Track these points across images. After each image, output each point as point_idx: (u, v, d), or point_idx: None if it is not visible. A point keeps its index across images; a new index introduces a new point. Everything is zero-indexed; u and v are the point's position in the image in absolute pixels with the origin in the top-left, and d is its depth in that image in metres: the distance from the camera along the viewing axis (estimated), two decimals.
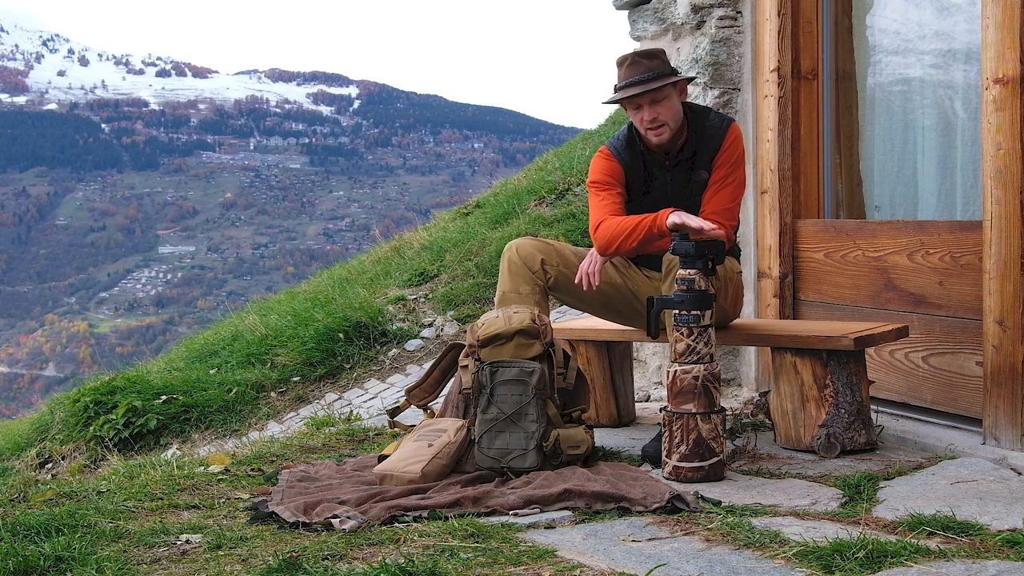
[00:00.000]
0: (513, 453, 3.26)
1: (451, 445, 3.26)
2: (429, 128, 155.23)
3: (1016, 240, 3.32)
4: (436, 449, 3.24)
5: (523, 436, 3.27)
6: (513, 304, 3.55)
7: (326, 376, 6.73)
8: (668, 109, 3.56)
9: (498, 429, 3.29)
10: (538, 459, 3.26)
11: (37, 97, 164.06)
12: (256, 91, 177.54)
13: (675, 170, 3.66)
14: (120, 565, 2.46)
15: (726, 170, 3.62)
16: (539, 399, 3.31)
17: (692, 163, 3.64)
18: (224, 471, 3.56)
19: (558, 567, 2.36)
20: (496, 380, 3.33)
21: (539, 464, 3.25)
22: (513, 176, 11.82)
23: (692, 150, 3.63)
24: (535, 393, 3.31)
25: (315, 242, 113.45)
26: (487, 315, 3.51)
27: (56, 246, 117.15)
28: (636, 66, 3.57)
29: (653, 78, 3.54)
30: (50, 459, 6.56)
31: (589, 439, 3.33)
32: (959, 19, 3.93)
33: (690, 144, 3.63)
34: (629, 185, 3.71)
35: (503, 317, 3.43)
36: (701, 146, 3.63)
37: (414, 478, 3.14)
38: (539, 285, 3.64)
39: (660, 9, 4.72)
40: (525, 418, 3.29)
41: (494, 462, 3.26)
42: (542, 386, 3.32)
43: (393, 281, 8.19)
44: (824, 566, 2.30)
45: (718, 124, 3.65)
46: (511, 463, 3.25)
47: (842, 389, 3.52)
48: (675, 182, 3.67)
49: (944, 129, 4.04)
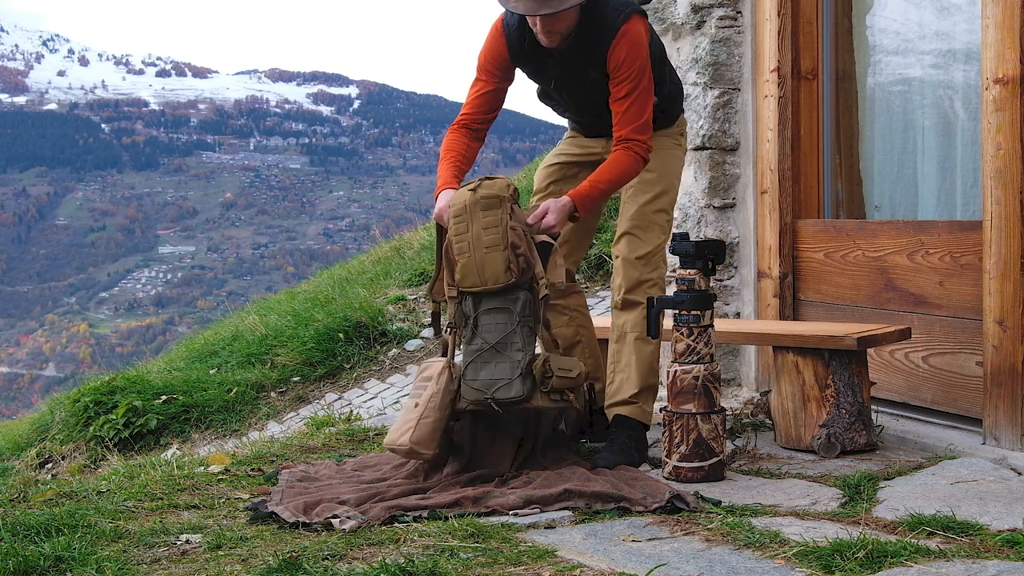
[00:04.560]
0: (499, 383, 3.13)
1: (435, 396, 3.15)
2: (429, 128, 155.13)
3: (1016, 240, 3.32)
4: (421, 408, 3.13)
5: (509, 365, 3.14)
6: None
7: (326, 376, 6.73)
8: (566, 21, 3.28)
9: (483, 360, 3.17)
10: (524, 387, 3.12)
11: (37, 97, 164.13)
12: (256, 91, 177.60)
13: (564, 62, 3.41)
14: (120, 565, 2.46)
15: (628, 85, 3.33)
16: (525, 326, 3.20)
17: (581, 57, 3.38)
18: (224, 471, 3.56)
19: (558, 567, 2.37)
20: (480, 309, 3.22)
21: (525, 392, 3.12)
22: (513, 176, 11.82)
23: (580, 43, 3.34)
24: (519, 320, 3.20)
25: (315, 242, 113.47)
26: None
27: (56, 246, 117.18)
28: None
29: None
30: (50, 459, 6.56)
31: (583, 366, 3.20)
32: (959, 19, 3.93)
33: (578, 38, 3.34)
34: (520, 66, 3.47)
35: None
36: (589, 41, 3.33)
37: (408, 450, 3.09)
38: None
39: (660, 9, 4.72)
40: (511, 347, 3.17)
41: (479, 394, 3.13)
42: (527, 312, 3.21)
43: (393, 281, 8.19)
44: (824, 566, 2.30)
45: (611, 20, 3.32)
46: (496, 394, 3.12)
47: (843, 389, 3.52)
48: (567, 73, 3.44)
49: (944, 129, 4.04)
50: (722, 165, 4.55)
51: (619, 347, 3.56)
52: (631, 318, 3.52)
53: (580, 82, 3.47)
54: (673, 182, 3.65)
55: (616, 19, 3.32)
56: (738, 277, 4.60)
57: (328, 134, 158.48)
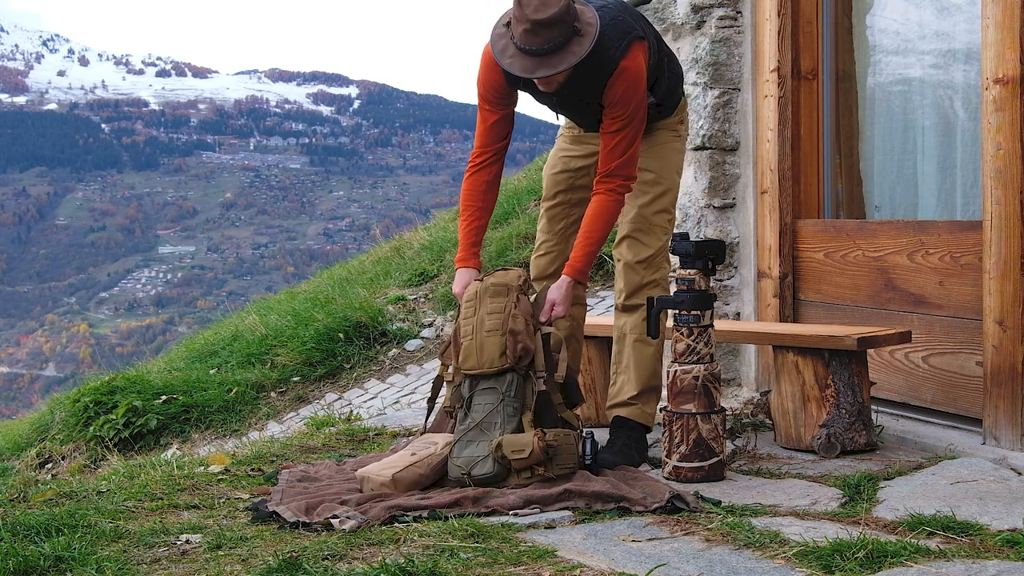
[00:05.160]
0: (476, 460, 3.14)
1: (434, 457, 3.19)
2: (429, 128, 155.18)
3: (1016, 240, 3.32)
4: (416, 459, 3.18)
5: (486, 444, 3.15)
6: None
7: (326, 376, 6.74)
8: (565, 73, 3.23)
9: (468, 439, 3.20)
10: (494, 465, 3.11)
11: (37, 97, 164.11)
12: (256, 91, 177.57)
13: (561, 93, 3.37)
14: (120, 565, 2.46)
15: (620, 122, 3.30)
16: (508, 406, 3.22)
17: (579, 90, 3.35)
18: (224, 471, 3.56)
19: (558, 567, 2.37)
20: (475, 390, 3.27)
21: (494, 470, 3.11)
22: (513, 176, 11.80)
23: (578, 78, 3.30)
24: (503, 399, 3.23)
25: (315, 242, 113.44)
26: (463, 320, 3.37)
27: (56, 246, 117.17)
28: (534, 36, 3.12)
29: (549, 52, 3.12)
30: (50, 459, 6.56)
31: (535, 443, 3.09)
32: (959, 19, 3.93)
33: (571, 80, 3.30)
34: (519, 89, 3.44)
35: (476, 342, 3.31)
36: (588, 76, 3.29)
37: (385, 482, 3.08)
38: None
39: (660, 9, 4.72)
40: (493, 427, 3.19)
41: (459, 471, 3.15)
42: (512, 394, 3.23)
43: (393, 281, 8.19)
44: (824, 566, 2.30)
45: (610, 55, 3.26)
46: (472, 471, 3.13)
47: (843, 389, 3.52)
48: (566, 101, 3.44)
49: (944, 129, 4.04)
50: (722, 165, 4.55)
51: (620, 348, 3.57)
52: (631, 320, 3.53)
53: (579, 107, 3.50)
54: (673, 178, 3.63)
55: (615, 55, 3.26)
56: (738, 277, 4.60)
57: (328, 134, 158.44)
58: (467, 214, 3.55)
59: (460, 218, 3.58)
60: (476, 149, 3.55)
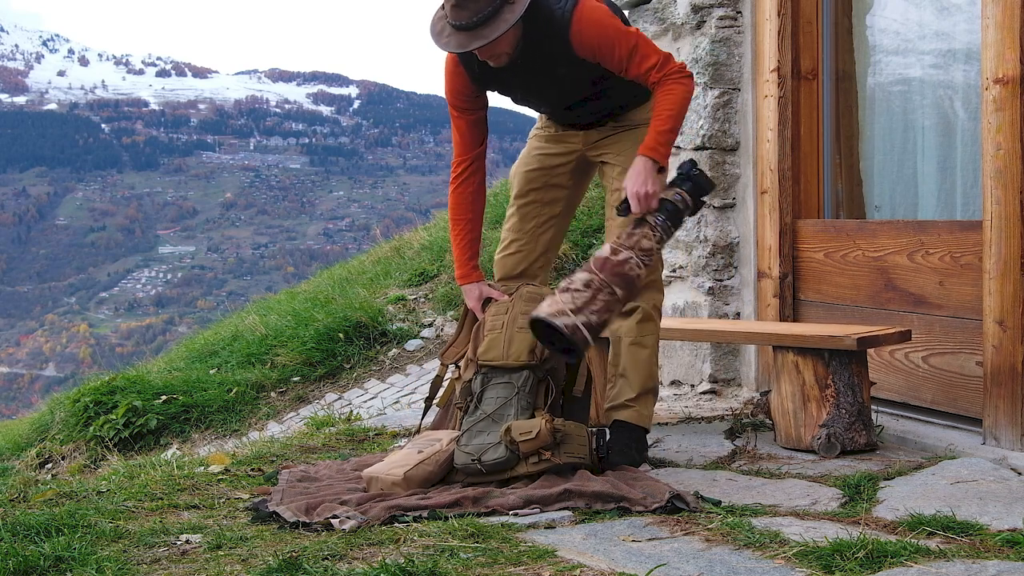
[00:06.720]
0: (487, 446, 3.14)
1: (441, 453, 3.20)
2: (429, 128, 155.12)
3: (1016, 240, 3.32)
4: (424, 456, 3.18)
5: (499, 431, 3.16)
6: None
7: (326, 376, 6.74)
8: (505, 43, 3.18)
9: (479, 429, 3.20)
10: (507, 451, 3.11)
11: (37, 97, 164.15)
12: (256, 91, 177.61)
13: (528, 69, 3.32)
14: (120, 565, 2.46)
15: (621, 49, 3.21)
16: (522, 399, 3.23)
17: (543, 60, 3.29)
18: (224, 471, 3.56)
19: (558, 567, 2.36)
20: (488, 384, 3.28)
21: (506, 455, 3.10)
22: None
23: (536, 48, 3.25)
24: (517, 392, 3.23)
25: (315, 242, 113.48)
26: (490, 333, 3.38)
27: (56, 246, 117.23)
28: (462, 10, 3.10)
29: (481, 22, 3.08)
30: (50, 459, 6.56)
31: (543, 424, 3.11)
32: (959, 19, 3.93)
33: (531, 44, 3.24)
34: (486, 88, 3.41)
35: (504, 341, 3.32)
36: (546, 43, 3.24)
37: (397, 481, 3.09)
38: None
39: (660, 9, 4.73)
40: (505, 417, 3.20)
41: (468, 457, 3.14)
42: (527, 390, 3.24)
43: (393, 281, 8.19)
44: (824, 566, 2.30)
45: (559, 15, 3.19)
46: (483, 456, 3.12)
47: (843, 389, 3.52)
48: (535, 79, 3.36)
49: (944, 129, 4.04)
50: (722, 165, 4.55)
51: (616, 352, 3.57)
52: (626, 324, 3.52)
53: (550, 80, 3.39)
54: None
55: (563, 13, 3.20)
56: (738, 277, 4.60)
57: (328, 134, 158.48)
58: (458, 228, 3.55)
59: (451, 232, 3.57)
60: (456, 159, 3.55)
